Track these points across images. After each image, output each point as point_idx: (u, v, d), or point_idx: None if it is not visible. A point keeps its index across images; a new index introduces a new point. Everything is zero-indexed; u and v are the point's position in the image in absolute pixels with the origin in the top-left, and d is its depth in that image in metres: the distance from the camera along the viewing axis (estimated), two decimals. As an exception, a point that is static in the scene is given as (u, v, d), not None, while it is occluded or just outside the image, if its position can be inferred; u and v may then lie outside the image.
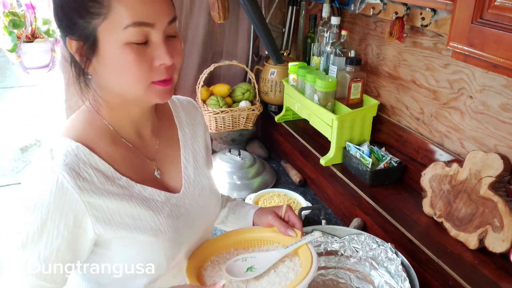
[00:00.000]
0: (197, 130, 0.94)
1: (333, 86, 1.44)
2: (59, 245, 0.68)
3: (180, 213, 0.81)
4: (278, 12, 2.01)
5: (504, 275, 0.97)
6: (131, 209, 0.73)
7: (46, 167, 0.67)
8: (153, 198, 0.77)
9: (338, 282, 1.12)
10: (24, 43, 1.44)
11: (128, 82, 0.70)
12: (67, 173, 0.66)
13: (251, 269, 0.83)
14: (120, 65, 0.68)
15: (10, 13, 1.40)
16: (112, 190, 0.72)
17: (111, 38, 0.66)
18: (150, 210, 0.76)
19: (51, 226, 0.67)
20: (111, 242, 0.74)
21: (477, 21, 0.71)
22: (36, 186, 0.67)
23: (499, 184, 1.01)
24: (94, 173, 0.70)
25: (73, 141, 0.70)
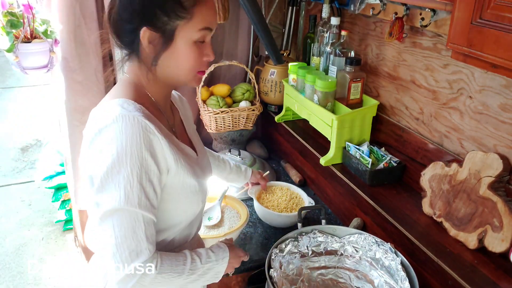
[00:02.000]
0: (189, 115, 1.13)
1: (333, 86, 1.45)
2: (152, 178, 0.80)
3: (203, 171, 0.99)
4: (278, 12, 2.02)
5: (504, 275, 0.98)
6: (184, 158, 0.89)
7: (128, 116, 0.78)
8: (189, 154, 0.95)
9: (338, 281, 1.13)
10: (22, 43, 1.44)
11: (185, 71, 0.88)
12: (147, 120, 0.79)
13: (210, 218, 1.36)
14: (186, 58, 0.85)
15: (8, 13, 1.40)
16: (170, 142, 0.85)
17: (185, 36, 0.84)
18: (191, 163, 0.92)
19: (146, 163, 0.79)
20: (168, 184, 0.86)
21: (476, 22, 0.71)
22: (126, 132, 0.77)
23: (499, 184, 1.01)
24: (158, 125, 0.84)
25: (135, 102, 0.83)
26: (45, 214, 2.84)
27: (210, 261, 0.92)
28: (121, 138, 0.77)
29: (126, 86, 0.89)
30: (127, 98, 0.84)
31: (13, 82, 5.03)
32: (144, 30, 0.82)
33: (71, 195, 1.94)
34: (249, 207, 1.51)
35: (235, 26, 1.90)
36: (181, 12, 0.82)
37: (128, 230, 0.78)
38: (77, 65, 1.62)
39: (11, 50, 1.42)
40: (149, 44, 0.84)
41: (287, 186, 1.55)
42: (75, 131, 1.71)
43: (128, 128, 0.78)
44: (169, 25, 0.82)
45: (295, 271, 1.12)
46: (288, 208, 1.43)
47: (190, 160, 0.92)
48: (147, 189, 0.79)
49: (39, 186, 3.05)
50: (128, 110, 0.80)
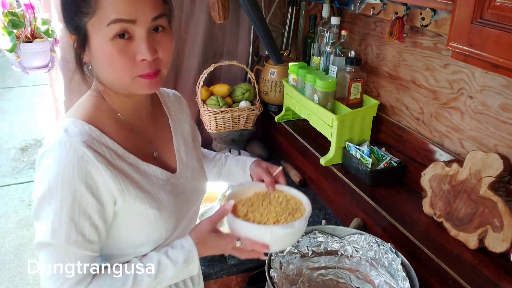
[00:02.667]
0: (184, 118, 1.03)
1: (333, 86, 1.44)
2: (89, 212, 0.74)
3: (178, 191, 0.89)
4: (278, 12, 2.01)
5: (504, 275, 0.97)
6: (140, 185, 0.81)
7: (66, 143, 0.72)
8: (156, 175, 0.85)
9: (338, 282, 1.12)
10: (23, 43, 1.44)
11: (114, 74, 0.77)
12: (86, 148, 0.73)
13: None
14: (106, 59, 0.74)
15: (9, 13, 1.40)
16: (123, 166, 0.79)
17: (98, 33, 0.73)
18: (154, 187, 0.83)
19: (81, 196, 0.73)
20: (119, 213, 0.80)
21: (477, 21, 0.71)
22: (59, 161, 0.72)
23: (499, 184, 1.01)
24: (107, 151, 0.77)
25: (85, 123, 0.77)
26: (45, 214, 2.84)
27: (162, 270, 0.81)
28: (54, 168, 0.72)
29: (87, 100, 0.83)
30: (80, 117, 0.78)
31: (13, 82, 5.03)
32: (69, 35, 0.78)
33: None
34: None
35: (235, 26, 1.90)
36: (83, 7, 0.71)
37: (55, 266, 0.73)
38: (77, 65, 1.62)
39: (13, 50, 1.42)
40: (77, 49, 0.77)
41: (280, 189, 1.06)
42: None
43: (63, 157, 0.72)
44: (78, 25, 0.74)
45: (295, 271, 1.12)
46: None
47: (151, 186, 0.83)
48: (80, 223, 0.73)
49: (39, 186, 3.04)
50: (69, 135, 0.73)
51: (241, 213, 0.91)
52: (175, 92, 1.07)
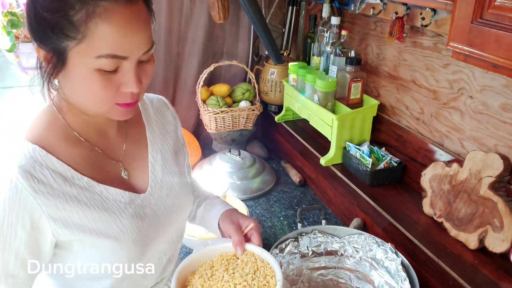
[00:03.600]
0: (167, 128, 0.93)
1: (333, 86, 1.44)
2: (17, 246, 0.68)
3: (146, 213, 0.80)
4: (278, 12, 2.01)
5: (504, 275, 0.97)
6: (91, 212, 0.72)
7: (3, 172, 0.67)
8: (115, 199, 0.76)
9: (338, 282, 1.12)
10: (22, 43, 1.44)
11: (90, 103, 0.71)
12: (21, 175, 0.66)
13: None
14: (86, 87, 0.68)
15: (9, 13, 1.39)
16: (71, 191, 0.71)
17: (81, 61, 0.65)
18: (111, 212, 0.75)
19: (8, 228, 0.67)
20: (72, 244, 0.73)
21: (477, 21, 0.71)
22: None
23: (499, 184, 1.01)
24: (51, 174, 0.69)
25: (30, 143, 0.70)
26: (45, 214, 2.83)
27: None
28: None
29: (41, 116, 0.76)
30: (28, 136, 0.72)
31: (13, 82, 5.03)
32: (37, 48, 0.68)
33: None
34: (249, 207, 1.51)
35: (235, 26, 1.90)
36: (69, 30, 0.62)
37: None
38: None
39: (12, 50, 1.42)
40: (48, 67, 0.68)
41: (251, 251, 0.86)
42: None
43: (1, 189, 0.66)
44: (57, 44, 0.65)
45: (295, 272, 1.11)
46: None
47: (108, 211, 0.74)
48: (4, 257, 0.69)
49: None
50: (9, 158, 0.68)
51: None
52: (161, 99, 0.96)
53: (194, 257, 0.83)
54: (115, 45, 0.64)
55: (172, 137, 0.93)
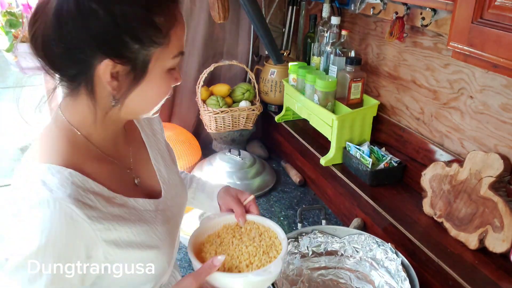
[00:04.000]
0: (155, 128, 0.93)
1: (333, 86, 1.44)
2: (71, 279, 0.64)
3: (168, 216, 0.81)
4: (278, 12, 2.01)
5: (504, 275, 0.97)
6: (135, 227, 0.71)
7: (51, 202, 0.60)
8: (145, 208, 0.76)
9: (338, 282, 1.12)
10: (21, 43, 1.44)
11: (154, 104, 0.73)
12: (73, 204, 0.61)
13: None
14: (158, 92, 0.70)
15: (7, 13, 1.39)
16: (114, 211, 0.68)
17: (159, 65, 0.67)
18: (148, 223, 0.74)
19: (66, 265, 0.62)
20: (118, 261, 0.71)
21: (477, 21, 0.71)
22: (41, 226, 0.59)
23: (499, 184, 1.01)
24: (95, 198, 0.66)
25: (64, 168, 0.64)
26: (45, 214, 2.84)
27: None
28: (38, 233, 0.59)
29: (59, 135, 0.69)
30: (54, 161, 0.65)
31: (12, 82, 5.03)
32: (106, 64, 0.62)
33: None
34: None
35: (235, 26, 1.90)
36: (158, 37, 0.63)
37: None
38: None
39: (10, 50, 1.42)
40: (112, 81, 0.64)
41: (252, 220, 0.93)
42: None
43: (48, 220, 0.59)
44: (141, 54, 0.63)
45: (295, 272, 1.11)
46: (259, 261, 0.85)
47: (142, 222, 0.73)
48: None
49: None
50: (50, 188, 0.61)
51: (209, 255, 0.81)
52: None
53: (201, 229, 0.88)
54: (182, 44, 0.69)
55: (161, 136, 0.93)
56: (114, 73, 0.64)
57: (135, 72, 0.65)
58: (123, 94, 0.66)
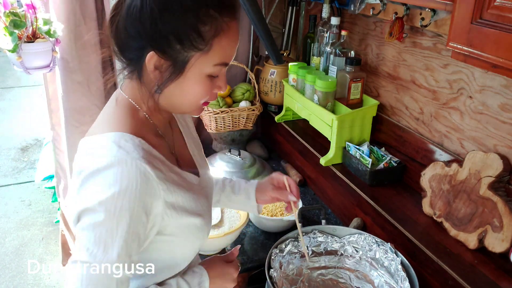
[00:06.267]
0: (188, 121, 1.01)
1: (333, 86, 1.45)
2: (139, 230, 0.71)
3: (207, 193, 0.91)
4: (278, 12, 2.01)
5: (504, 275, 0.98)
6: (188, 194, 0.80)
7: (126, 160, 0.69)
8: (191, 181, 0.85)
9: (338, 282, 1.13)
10: (25, 43, 1.44)
11: (191, 103, 0.78)
12: (147, 164, 0.70)
13: None
14: (194, 91, 0.76)
15: (11, 14, 1.39)
16: (173, 177, 0.78)
17: (198, 68, 0.73)
18: (196, 193, 0.83)
19: (137, 216, 0.69)
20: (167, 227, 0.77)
21: (476, 21, 0.71)
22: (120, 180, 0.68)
23: (499, 184, 1.01)
24: (160, 164, 0.75)
25: (134, 136, 0.74)
26: (45, 214, 2.84)
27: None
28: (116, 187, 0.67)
29: (123, 110, 0.78)
30: (124, 130, 0.74)
31: (13, 82, 5.03)
32: (152, 55, 0.71)
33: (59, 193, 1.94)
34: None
35: (235, 26, 1.90)
36: (198, 42, 0.70)
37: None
38: (77, 66, 1.62)
39: (14, 50, 1.42)
40: (155, 70, 0.73)
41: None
42: (74, 132, 1.71)
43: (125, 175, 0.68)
44: (181, 54, 0.71)
45: (295, 271, 1.12)
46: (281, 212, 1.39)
47: (192, 192, 0.82)
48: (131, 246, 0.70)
49: (39, 186, 3.05)
50: (126, 150, 0.70)
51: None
52: None
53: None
54: (228, 55, 0.75)
55: (191, 127, 1.02)
56: (157, 65, 0.73)
57: (174, 68, 0.73)
58: (163, 84, 0.74)
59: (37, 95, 4.57)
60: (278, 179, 1.04)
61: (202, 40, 0.71)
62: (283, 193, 1.02)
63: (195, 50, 0.71)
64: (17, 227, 2.72)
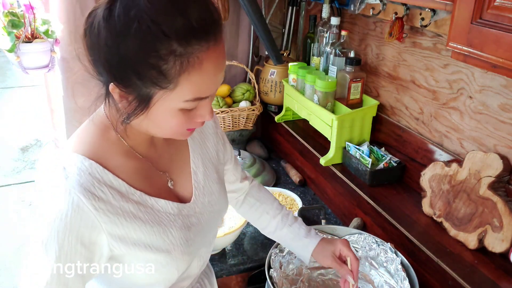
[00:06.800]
0: (205, 132, 0.91)
1: (332, 86, 1.45)
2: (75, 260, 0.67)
3: (191, 223, 0.80)
4: (278, 12, 2.02)
5: (504, 274, 0.98)
6: (146, 226, 0.72)
7: (61, 187, 0.66)
8: (165, 211, 0.76)
9: (338, 281, 1.13)
10: (23, 43, 1.44)
11: (163, 133, 0.72)
12: (82, 194, 0.65)
13: None
14: (164, 124, 0.68)
15: (9, 13, 1.39)
16: (127, 207, 0.70)
17: (165, 104, 0.65)
18: (162, 225, 0.75)
19: (69, 245, 0.66)
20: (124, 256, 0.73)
21: (476, 22, 0.71)
22: (52, 206, 0.66)
23: (499, 184, 1.01)
24: (109, 191, 0.69)
25: (86, 159, 0.68)
26: (45, 214, 2.84)
27: None
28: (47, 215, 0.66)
29: (93, 128, 0.73)
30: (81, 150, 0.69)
31: (13, 82, 5.03)
32: (113, 86, 0.64)
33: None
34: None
35: (235, 26, 1.90)
36: (160, 80, 0.61)
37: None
38: (77, 66, 1.62)
39: (12, 50, 1.42)
40: (121, 100, 0.66)
41: (282, 192, 1.53)
42: (75, 132, 1.71)
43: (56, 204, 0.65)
44: (143, 90, 0.63)
45: (295, 271, 1.12)
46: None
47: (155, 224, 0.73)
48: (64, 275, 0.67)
49: (39, 186, 3.05)
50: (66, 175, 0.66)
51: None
52: None
53: None
54: (203, 89, 0.65)
55: (211, 140, 0.92)
56: (122, 95, 0.65)
57: (139, 102, 0.65)
58: (130, 115, 0.67)
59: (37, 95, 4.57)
60: (343, 252, 0.94)
61: (164, 78, 0.61)
62: (342, 268, 0.92)
63: (157, 87, 0.62)
64: (17, 227, 2.72)
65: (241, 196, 1.08)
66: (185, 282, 0.87)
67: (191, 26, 0.59)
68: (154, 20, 0.58)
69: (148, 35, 0.58)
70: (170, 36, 0.58)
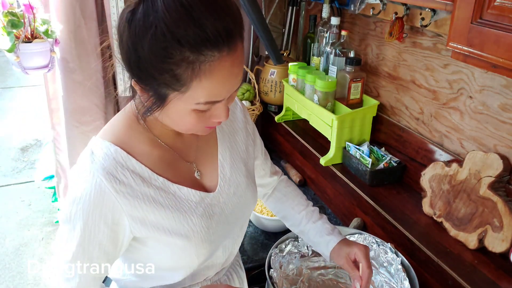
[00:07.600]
0: (235, 126, 0.94)
1: (333, 86, 1.45)
2: (100, 239, 0.73)
3: (214, 212, 0.83)
4: (278, 12, 2.02)
5: (504, 275, 0.98)
6: (165, 211, 0.76)
7: (87, 170, 0.72)
8: (188, 198, 0.80)
9: (338, 281, 1.13)
10: (22, 43, 1.44)
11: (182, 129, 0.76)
12: (104, 176, 0.71)
13: None
14: (181, 121, 0.72)
15: (9, 13, 1.39)
16: (148, 192, 0.75)
17: (179, 104, 0.68)
18: (183, 211, 0.78)
19: (93, 223, 0.72)
20: (146, 240, 0.78)
21: (476, 21, 0.71)
22: (78, 186, 0.72)
23: (499, 184, 1.01)
24: (131, 175, 0.74)
25: (113, 145, 0.74)
26: (45, 214, 2.84)
27: None
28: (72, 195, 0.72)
29: (123, 117, 0.79)
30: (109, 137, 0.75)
31: (13, 82, 5.03)
32: (134, 82, 0.70)
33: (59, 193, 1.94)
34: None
35: (235, 26, 1.90)
36: (173, 83, 0.65)
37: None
38: (77, 66, 1.62)
39: (12, 50, 1.42)
40: (143, 94, 0.71)
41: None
42: (74, 132, 1.71)
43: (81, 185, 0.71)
44: (158, 90, 0.67)
45: (295, 271, 1.12)
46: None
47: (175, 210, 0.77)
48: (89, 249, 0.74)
49: (39, 186, 3.04)
50: (93, 159, 0.72)
51: None
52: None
53: None
54: (214, 94, 0.67)
55: (240, 135, 0.94)
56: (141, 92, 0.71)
57: (155, 99, 0.69)
58: (149, 109, 0.71)
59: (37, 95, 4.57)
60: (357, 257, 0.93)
61: (177, 81, 0.64)
62: (354, 272, 0.91)
63: (170, 89, 0.66)
64: (17, 227, 2.72)
65: (269, 190, 1.10)
66: (210, 271, 0.91)
67: (204, 36, 0.62)
68: (170, 27, 0.61)
69: (163, 42, 0.62)
70: (183, 44, 0.61)
